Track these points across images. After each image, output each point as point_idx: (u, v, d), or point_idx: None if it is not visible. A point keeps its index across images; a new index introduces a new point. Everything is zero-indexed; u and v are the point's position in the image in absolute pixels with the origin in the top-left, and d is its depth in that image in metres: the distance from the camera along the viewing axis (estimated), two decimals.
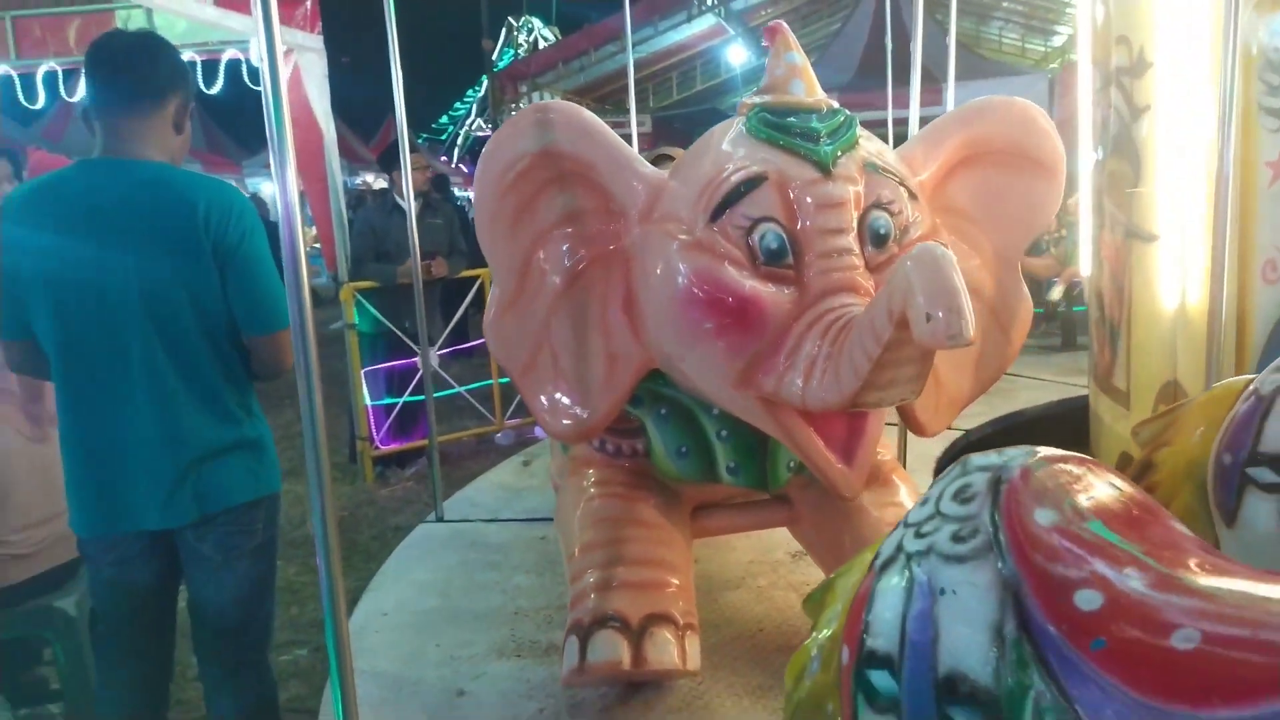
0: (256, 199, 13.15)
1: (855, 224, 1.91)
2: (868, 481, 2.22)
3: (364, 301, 5.31)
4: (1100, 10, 3.48)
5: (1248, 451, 1.50)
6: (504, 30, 27.16)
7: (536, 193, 2.13)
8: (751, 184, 1.91)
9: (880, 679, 0.99)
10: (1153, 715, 0.77)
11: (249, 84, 4.98)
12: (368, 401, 5.48)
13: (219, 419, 2.13)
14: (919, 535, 1.02)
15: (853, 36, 14.84)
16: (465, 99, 31.92)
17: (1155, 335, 3.14)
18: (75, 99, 5.20)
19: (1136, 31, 3.15)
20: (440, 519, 3.72)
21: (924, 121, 2.63)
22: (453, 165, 23.26)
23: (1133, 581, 0.85)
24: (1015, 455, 1.03)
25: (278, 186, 1.56)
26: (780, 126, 1.97)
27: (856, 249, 1.90)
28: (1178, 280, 3.01)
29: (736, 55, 20.31)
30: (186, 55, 4.73)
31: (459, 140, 29.37)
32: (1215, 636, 0.78)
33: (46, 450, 2.61)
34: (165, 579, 2.24)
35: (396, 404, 5.55)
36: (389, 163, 5.50)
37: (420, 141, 21.66)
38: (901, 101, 5.06)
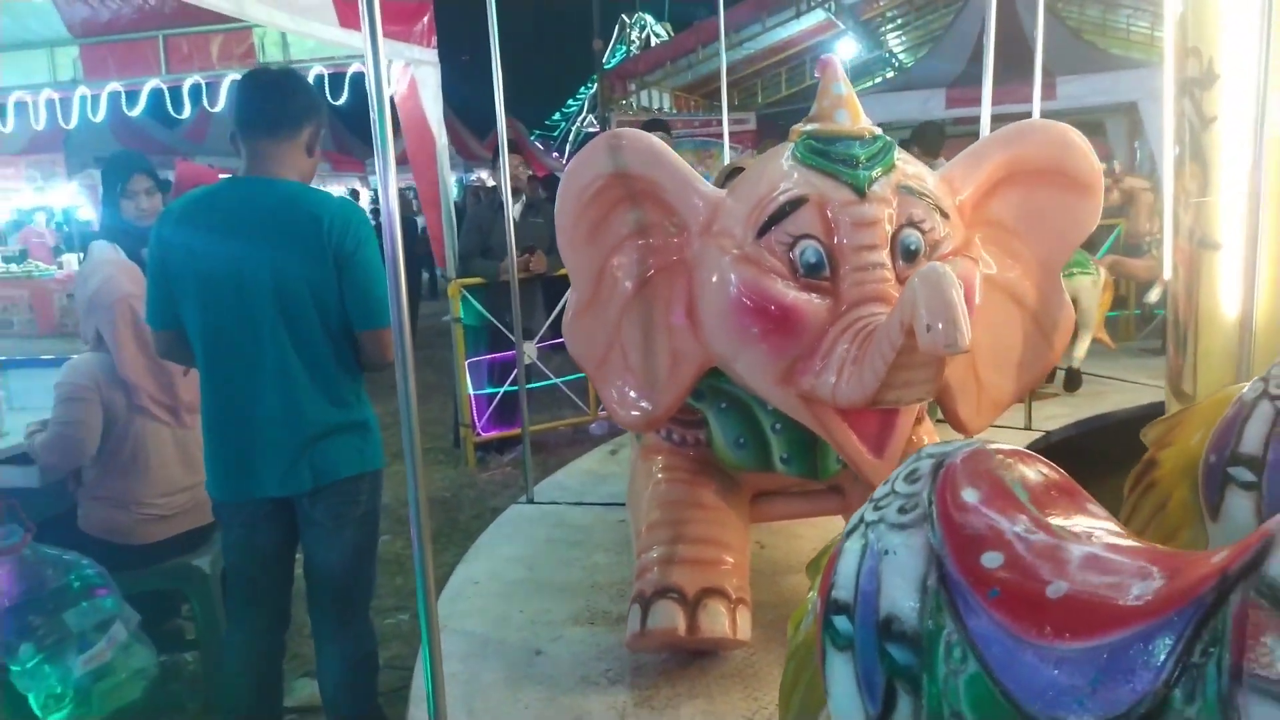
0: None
1: (888, 241, 2.11)
2: None
3: (469, 296, 5.63)
4: (1180, 16, 3.53)
5: (1229, 452, 1.65)
6: (617, 27, 27.48)
7: (610, 209, 2.39)
8: (794, 205, 2.13)
9: (841, 623, 1.22)
10: (1025, 648, 0.98)
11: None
12: (470, 391, 5.80)
13: (333, 402, 2.43)
14: (877, 508, 1.24)
15: (965, 29, 14.59)
16: (577, 96, 32.48)
17: (1219, 342, 3.21)
18: (216, 109, 5.61)
19: (1207, 43, 3.21)
20: (531, 501, 4.02)
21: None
22: (564, 161, 23.75)
23: (1028, 546, 1.06)
24: (960, 445, 1.24)
25: (383, 206, 1.86)
26: (823, 153, 2.18)
27: (888, 263, 2.10)
28: (1240, 288, 3.07)
29: (847, 49, 19.86)
30: (316, 69, 5.12)
31: (570, 137, 29.89)
32: (1078, 588, 0.98)
33: (185, 433, 3.13)
34: (285, 541, 2.57)
35: (497, 394, 5.87)
36: (497, 160, 5.78)
37: (532, 138, 22.16)
38: (1010, 96, 5.10)
